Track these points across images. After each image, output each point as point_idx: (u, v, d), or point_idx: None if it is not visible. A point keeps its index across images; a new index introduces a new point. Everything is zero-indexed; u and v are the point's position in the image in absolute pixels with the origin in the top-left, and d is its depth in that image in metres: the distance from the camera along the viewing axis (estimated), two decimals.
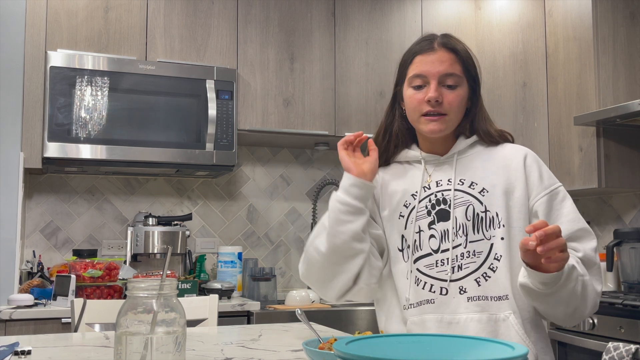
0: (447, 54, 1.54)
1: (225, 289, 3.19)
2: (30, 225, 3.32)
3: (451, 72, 1.52)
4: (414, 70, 1.55)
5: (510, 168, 1.54)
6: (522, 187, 1.52)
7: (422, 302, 1.49)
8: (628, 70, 3.11)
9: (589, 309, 1.45)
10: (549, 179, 1.55)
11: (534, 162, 1.56)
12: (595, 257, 1.49)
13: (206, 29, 3.36)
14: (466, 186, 1.54)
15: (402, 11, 3.73)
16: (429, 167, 1.60)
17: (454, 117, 1.54)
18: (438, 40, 1.56)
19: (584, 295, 1.42)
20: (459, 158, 1.58)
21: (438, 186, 1.56)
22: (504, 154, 1.58)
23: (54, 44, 3.08)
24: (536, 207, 1.51)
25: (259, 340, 1.63)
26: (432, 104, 1.51)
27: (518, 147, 1.60)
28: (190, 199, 3.63)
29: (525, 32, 3.50)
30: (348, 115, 3.57)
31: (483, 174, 1.54)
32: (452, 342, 1.06)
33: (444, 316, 1.46)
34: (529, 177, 1.53)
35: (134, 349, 1.08)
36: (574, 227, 1.49)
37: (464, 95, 1.55)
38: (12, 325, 2.67)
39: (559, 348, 2.83)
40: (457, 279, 1.48)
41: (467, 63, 1.56)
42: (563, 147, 3.23)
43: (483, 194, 1.52)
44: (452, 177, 1.55)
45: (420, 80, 1.54)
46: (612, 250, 3.00)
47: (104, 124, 3.05)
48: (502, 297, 1.46)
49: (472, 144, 1.60)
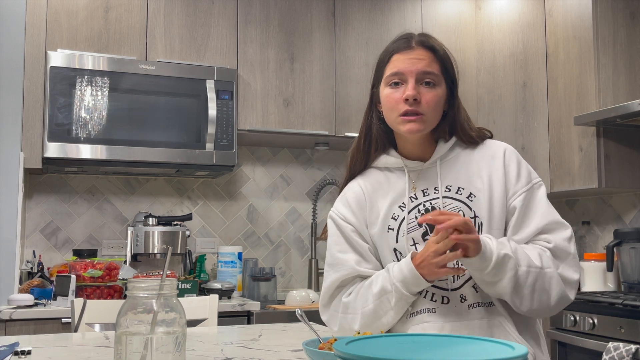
0: (425, 52, 1.51)
1: (225, 289, 3.19)
2: (30, 225, 3.32)
3: (429, 71, 1.50)
4: (392, 68, 1.52)
5: (491, 167, 1.54)
6: (501, 186, 1.51)
7: (423, 310, 1.48)
8: (628, 70, 3.11)
9: (554, 301, 1.43)
10: (527, 176, 1.54)
11: (512, 158, 1.55)
12: (569, 247, 1.48)
13: (206, 29, 3.36)
14: (453, 192, 1.52)
15: (402, 11, 3.73)
16: (412, 175, 1.57)
17: (431, 117, 1.51)
18: (416, 38, 1.53)
19: (541, 287, 1.41)
20: (442, 163, 1.56)
21: (425, 195, 1.53)
22: (484, 154, 1.56)
23: (54, 44, 3.08)
24: (514, 205, 1.50)
25: (259, 340, 1.63)
26: (409, 102, 1.48)
27: (497, 144, 1.59)
28: (190, 199, 3.63)
29: (525, 32, 3.50)
30: (348, 115, 3.57)
31: (467, 178, 1.53)
32: (452, 342, 1.06)
33: (445, 325, 1.46)
34: (507, 174, 1.53)
35: (134, 349, 1.08)
36: (544, 220, 1.49)
37: (442, 95, 1.52)
38: (12, 325, 2.67)
39: (559, 348, 2.83)
40: (457, 288, 1.47)
41: (445, 62, 1.53)
42: (563, 147, 3.23)
43: (471, 199, 1.51)
44: (437, 185, 1.53)
45: (397, 78, 1.51)
46: (612, 250, 3.00)
47: (104, 124, 3.05)
48: (491, 303, 1.47)
49: (452, 147, 1.58)
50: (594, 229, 3.50)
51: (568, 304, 1.47)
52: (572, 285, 1.47)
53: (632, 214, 3.29)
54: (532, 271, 1.40)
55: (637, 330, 2.46)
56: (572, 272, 1.47)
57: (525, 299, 1.41)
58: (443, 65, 1.53)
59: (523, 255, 1.41)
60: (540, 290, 1.41)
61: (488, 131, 1.62)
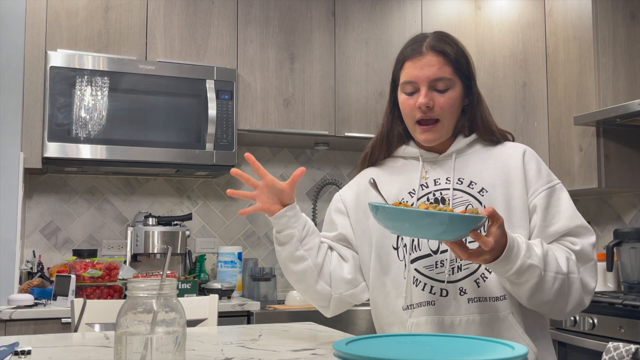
0: (435, 57, 1.51)
1: (225, 289, 3.19)
2: (30, 225, 3.32)
3: (440, 77, 1.50)
4: (404, 77, 1.54)
5: (509, 166, 1.54)
6: (521, 184, 1.51)
7: (422, 303, 1.48)
8: (628, 70, 3.11)
9: (570, 306, 1.43)
10: (548, 175, 1.54)
11: (532, 158, 1.55)
12: (592, 254, 1.48)
13: (206, 29, 3.36)
14: (465, 185, 1.52)
15: (402, 11, 3.73)
16: (426, 164, 1.59)
17: (447, 122, 1.53)
18: (427, 42, 1.54)
19: (562, 292, 1.41)
20: (458, 157, 1.57)
21: (436, 185, 1.55)
22: (502, 153, 1.57)
23: (54, 44, 3.08)
24: (535, 203, 1.50)
25: (259, 340, 1.63)
26: (422, 110, 1.50)
27: (517, 145, 1.59)
28: (190, 199, 3.63)
29: (525, 32, 3.50)
30: (348, 115, 3.57)
31: (482, 173, 1.53)
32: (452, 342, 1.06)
33: (445, 318, 1.46)
34: (527, 173, 1.53)
35: (134, 349, 1.08)
36: (572, 223, 1.49)
37: (457, 96, 1.53)
38: (12, 325, 2.67)
39: (559, 348, 2.83)
40: (457, 280, 1.47)
41: (458, 63, 1.53)
42: (563, 147, 3.23)
43: (482, 193, 1.51)
44: (450, 176, 1.54)
45: (411, 86, 1.53)
46: (612, 250, 3.00)
47: (104, 124, 3.05)
48: (499, 298, 1.46)
49: (471, 143, 1.58)
50: (594, 229, 3.50)
51: (582, 309, 1.47)
52: (590, 292, 1.47)
53: (632, 214, 3.29)
54: (558, 277, 1.40)
55: (637, 330, 2.46)
56: (591, 278, 1.47)
57: (544, 302, 1.41)
58: (455, 66, 1.53)
59: (552, 260, 1.40)
60: (561, 295, 1.42)
61: (509, 134, 1.63)
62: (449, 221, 1.23)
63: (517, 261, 1.34)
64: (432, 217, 1.23)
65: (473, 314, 1.45)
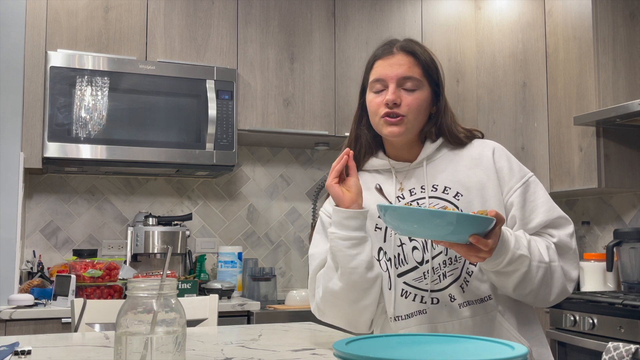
0: (405, 57, 1.53)
1: (225, 289, 3.19)
2: (30, 225, 3.32)
3: (409, 75, 1.51)
4: (374, 75, 1.55)
5: (480, 166, 1.54)
6: (494, 184, 1.52)
7: (414, 313, 1.48)
8: (628, 70, 3.11)
9: (554, 295, 1.46)
10: (520, 170, 1.55)
11: (502, 156, 1.56)
12: (571, 243, 1.51)
13: (206, 29, 3.36)
14: (440, 192, 1.52)
15: (402, 11, 3.73)
16: (399, 175, 1.58)
17: (413, 119, 1.52)
18: (398, 44, 1.55)
19: (546, 281, 1.44)
20: (428, 163, 1.56)
21: (412, 195, 1.54)
22: (471, 154, 1.57)
23: (54, 44, 3.08)
24: (511, 201, 1.51)
25: (259, 340, 1.63)
26: (389, 106, 1.50)
27: (485, 143, 1.59)
28: (190, 199, 3.63)
29: (525, 32, 3.50)
30: (348, 115, 3.57)
31: (454, 177, 1.53)
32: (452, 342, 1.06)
33: (438, 325, 1.47)
34: (499, 172, 1.53)
35: (134, 349, 1.08)
36: (550, 216, 1.51)
37: (424, 98, 1.53)
38: (12, 325, 2.67)
39: (559, 348, 2.83)
40: (444, 288, 1.47)
41: (428, 66, 1.54)
42: (563, 147, 3.23)
43: (458, 197, 1.51)
44: (424, 184, 1.54)
45: (380, 84, 1.53)
46: (612, 250, 3.00)
47: (104, 124, 3.05)
48: (485, 299, 1.47)
49: (439, 147, 1.58)
50: (594, 229, 3.50)
51: (566, 297, 1.50)
52: (572, 279, 1.50)
53: (632, 214, 3.29)
54: (541, 266, 1.43)
55: (637, 330, 2.46)
56: (572, 268, 1.50)
57: (529, 291, 1.44)
58: (425, 69, 1.54)
59: (535, 249, 1.44)
60: (545, 284, 1.44)
61: (478, 131, 1.63)
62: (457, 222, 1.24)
63: (507, 253, 1.36)
64: (442, 217, 1.24)
65: (465, 318, 1.46)
